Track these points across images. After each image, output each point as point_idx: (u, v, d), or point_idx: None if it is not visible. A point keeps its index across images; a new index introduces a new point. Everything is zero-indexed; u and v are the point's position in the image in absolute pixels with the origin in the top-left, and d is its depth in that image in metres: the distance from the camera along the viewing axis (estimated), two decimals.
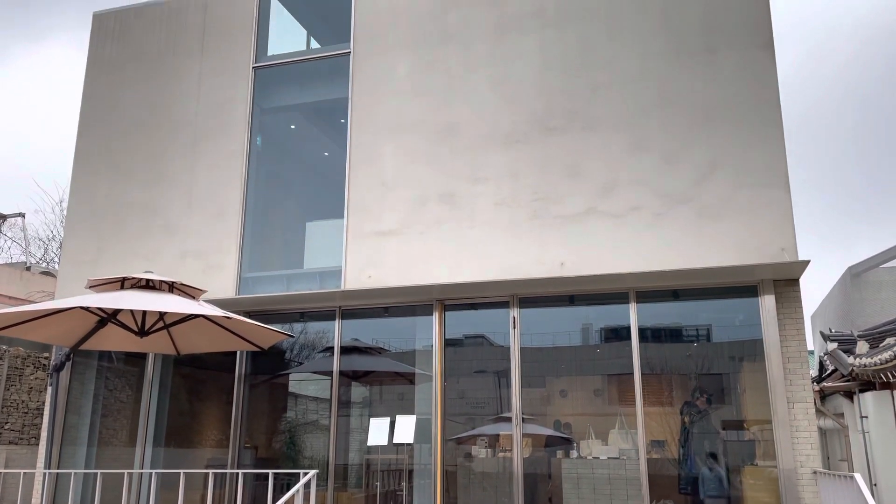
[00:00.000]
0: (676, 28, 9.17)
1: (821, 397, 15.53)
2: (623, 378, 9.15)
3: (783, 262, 8.14)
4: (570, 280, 8.88)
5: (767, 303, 8.51)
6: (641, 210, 8.79)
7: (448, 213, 9.50)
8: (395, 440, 9.32)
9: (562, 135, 9.29)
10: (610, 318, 9.41)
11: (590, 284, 8.99)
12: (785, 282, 8.60)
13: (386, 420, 9.59)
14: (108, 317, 8.31)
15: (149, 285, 8.06)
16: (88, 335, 8.50)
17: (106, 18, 12.25)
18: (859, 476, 6.81)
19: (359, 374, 10.52)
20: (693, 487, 8.65)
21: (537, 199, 9.19)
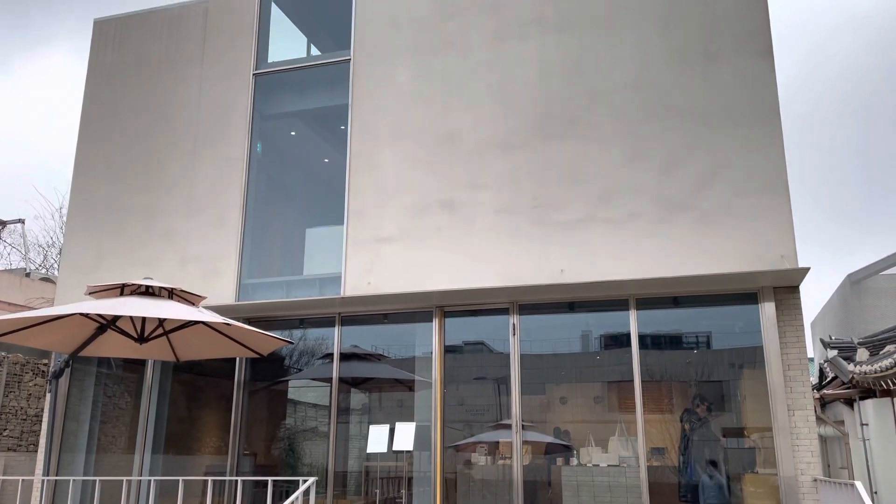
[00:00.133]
0: (676, 35, 9.19)
1: (821, 405, 15.52)
2: (623, 385, 9.13)
3: (783, 269, 8.13)
4: (570, 287, 8.87)
5: (767, 310, 8.51)
6: (641, 217, 8.79)
7: (448, 219, 9.51)
8: (394, 447, 9.29)
9: (561, 142, 9.30)
10: (610, 324, 9.40)
11: (589, 291, 8.98)
12: (785, 289, 8.60)
13: (385, 427, 9.56)
14: (108, 323, 8.30)
15: (148, 292, 8.06)
16: (88, 342, 8.49)
17: (107, 25, 12.28)
18: (860, 484, 6.79)
19: (358, 381, 10.50)
20: (693, 495, 8.62)
21: (537, 206, 9.19)
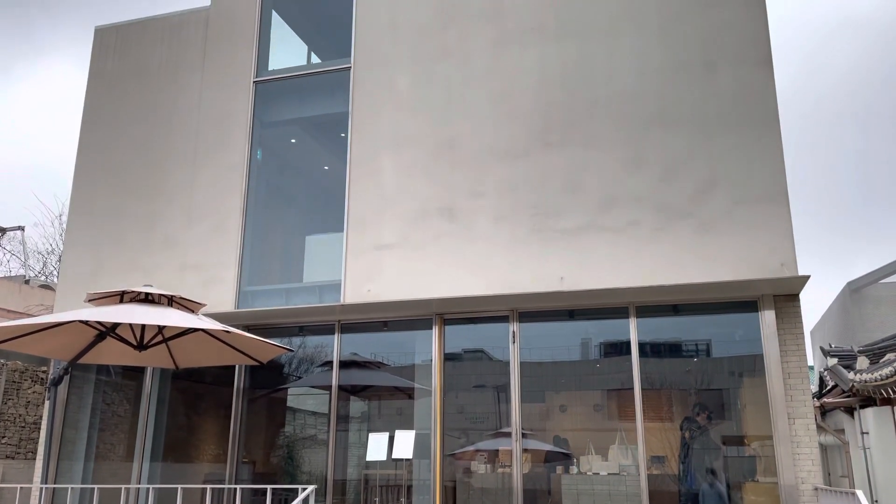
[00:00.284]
0: (675, 44, 9.21)
1: (821, 413, 15.49)
2: (623, 393, 9.11)
3: (783, 277, 8.13)
4: (570, 294, 8.87)
5: (767, 318, 8.50)
6: (641, 225, 8.79)
7: (447, 227, 9.51)
8: (394, 455, 9.27)
9: (561, 149, 9.31)
10: (610, 332, 9.40)
11: (589, 299, 8.98)
12: (785, 297, 8.59)
13: (385, 435, 9.54)
14: (107, 330, 8.28)
15: (148, 299, 8.04)
16: (87, 349, 8.47)
17: (107, 33, 12.31)
18: (861, 493, 6.77)
19: (358, 389, 10.48)
20: None
21: (536, 214, 9.19)
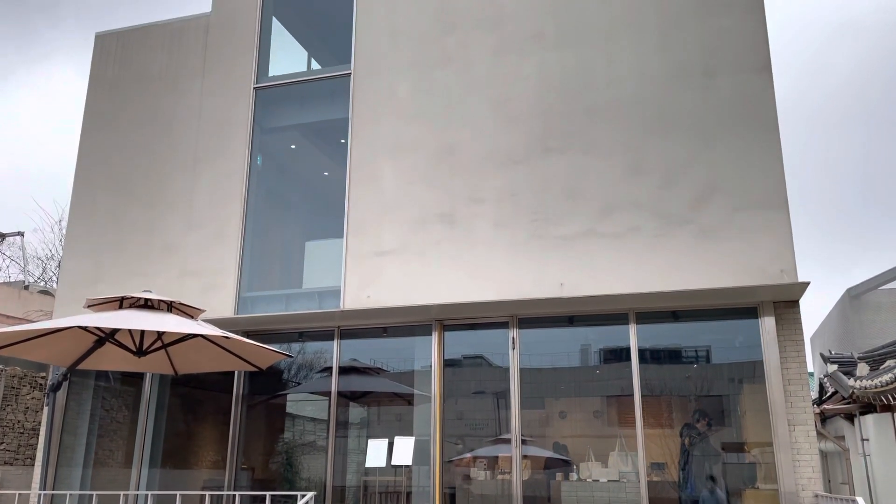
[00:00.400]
0: (675, 51, 9.23)
1: (821, 420, 15.46)
2: (623, 399, 9.10)
3: (783, 283, 8.13)
4: (570, 301, 8.86)
5: (767, 324, 8.50)
6: (640, 231, 8.80)
7: (447, 233, 9.51)
8: (393, 462, 9.25)
9: (561, 156, 9.32)
10: (609, 339, 9.39)
11: (589, 305, 8.97)
12: (785, 303, 8.59)
13: (384, 441, 9.52)
14: (106, 336, 8.27)
15: (147, 305, 8.04)
16: (86, 355, 8.46)
17: (108, 39, 12.33)
18: (861, 500, 6.77)
19: (357, 395, 10.46)
20: None
21: (536, 220, 9.20)
